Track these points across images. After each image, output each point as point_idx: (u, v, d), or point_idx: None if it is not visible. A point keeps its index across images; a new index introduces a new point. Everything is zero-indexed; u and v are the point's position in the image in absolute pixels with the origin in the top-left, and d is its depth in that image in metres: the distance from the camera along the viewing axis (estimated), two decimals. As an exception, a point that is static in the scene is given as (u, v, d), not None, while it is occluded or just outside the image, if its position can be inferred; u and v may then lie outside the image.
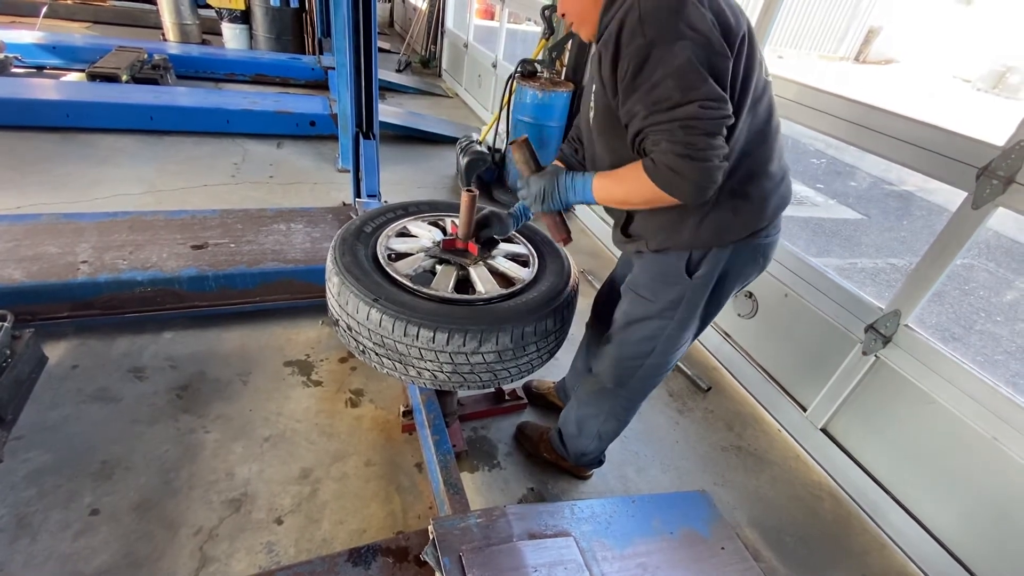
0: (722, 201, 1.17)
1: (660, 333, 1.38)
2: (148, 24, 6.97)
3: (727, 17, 1.03)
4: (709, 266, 1.26)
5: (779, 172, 1.24)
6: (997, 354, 3.50)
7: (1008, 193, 1.49)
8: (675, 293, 1.31)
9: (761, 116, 1.16)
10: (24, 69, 4.73)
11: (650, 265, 1.34)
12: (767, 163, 1.20)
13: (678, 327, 1.36)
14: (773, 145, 1.20)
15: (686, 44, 0.97)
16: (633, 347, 1.45)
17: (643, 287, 1.37)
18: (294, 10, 6.24)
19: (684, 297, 1.31)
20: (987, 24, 16.03)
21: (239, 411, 1.89)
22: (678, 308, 1.33)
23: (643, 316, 1.39)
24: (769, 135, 1.19)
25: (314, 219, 2.66)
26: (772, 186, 1.22)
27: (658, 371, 1.49)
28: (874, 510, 1.89)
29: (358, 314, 1.30)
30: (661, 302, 1.34)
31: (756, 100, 1.12)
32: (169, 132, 4.01)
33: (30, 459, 1.62)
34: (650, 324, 1.39)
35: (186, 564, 1.43)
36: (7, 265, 2.00)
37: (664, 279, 1.31)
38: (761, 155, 1.18)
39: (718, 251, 1.24)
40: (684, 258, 1.26)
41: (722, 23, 1.01)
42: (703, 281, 1.28)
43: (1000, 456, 1.55)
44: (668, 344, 1.40)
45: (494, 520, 1.24)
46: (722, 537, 1.37)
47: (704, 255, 1.25)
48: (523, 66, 3.48)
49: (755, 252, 1.28)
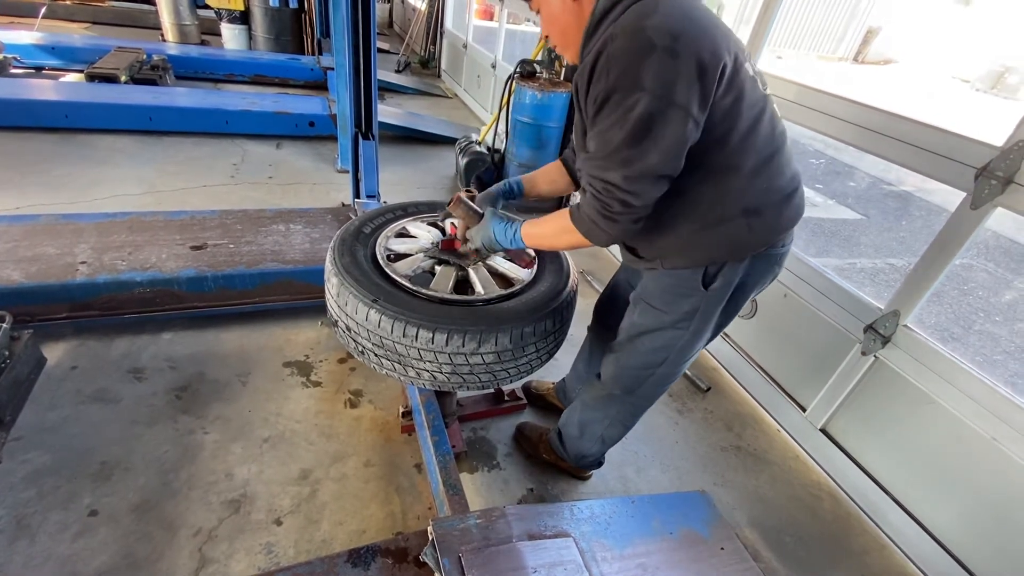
0: (735, 220, 1.15)
1: (673, 344, 1.35)
2: (147, 25, 6.97)
3: (703, 54, 0.96)
4: (726, 278, 1.23)
5: (791, 184, 1.20)
6: (996, 354, 3.50)
7: (1007, 193, 1.49)
8: (690, 305, 1.28)
9: (765, 132, 1.13)
10: (23, 70, 4.72)
11: (663, 277, 1.30)
12: (778, 177, 1.17)
13: (692, 337, 1.34)
14: (781, 158, 1.18)
15: (643, 97, 0.95)
16: (644, 357, 1.42)
17: (656, 298, 1.34)
18: (293, 10, 6.24)
19: (699, 308, 1.28)
20: (986, 24, 16.05)
21: (238, 412, 1.89)
22: (693, 319, 1.30)
23: (655, 327, 1.36)
24: (777, 149, 1.16)
25: (313, 220, 2.66)
26: (785, 200, 1.19)
27: (667, 379, 1.48)
28: (873, 510, 1.89)
29: (357, 315, 1.30)
30: (675, 313, 1.31)
31: (755, 119, 1.09)
32: (168, 133, 4.01)
33: (29, 460, 1.62)
34: (663, 335, 1.35)
35: (185, 565, 1.43)
36: (6, 266, 2.00)
37: (678, 291, 1.28)
38: (773, 170, 1.15)
39: (735, 263, 1.22)
40: (700, 272, 1.23)
41: (698, 63, 0.96)
42: (719, 293, 1.25)
43: (999, 456, 1.55)
44: (680, 355, 1.38)
45: (493, 521, 1.24)
46: (722, 537, 1.37)
47: (720, 268, 1.22)
48: (522, 67, 3.48)
49: (771, 261, 1.26)
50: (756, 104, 1.09)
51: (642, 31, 0.94)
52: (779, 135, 1.18)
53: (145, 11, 7.15)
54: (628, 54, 0.95)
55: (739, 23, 2.57)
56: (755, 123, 1.10)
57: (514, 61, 3.60)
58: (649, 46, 0.94)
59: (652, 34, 0.94)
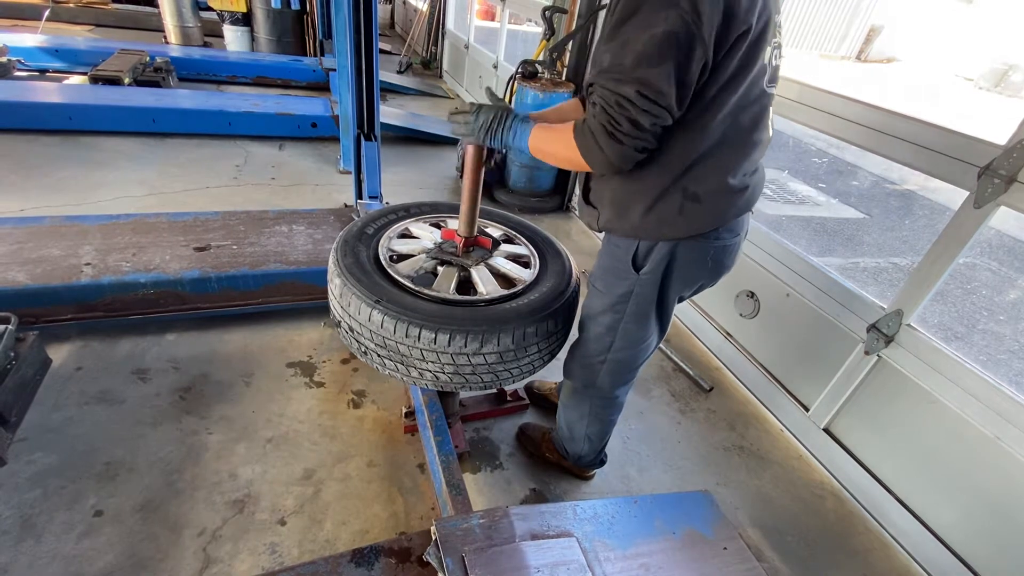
0: (671, 194, 1.15)
1: (615, 326, 1.39)
2: (150, 27, 6.99)
3: (735, 3, 0.95)
4: (654, 262, 1.26)
5: (740, 186, 1.18)
6: (1000, 353, 3.49)
7: (1010, 192, 1.49)
8: (624, 287, 1.32)
9: (744, 125, 1.11)
10: (27, 72, 4.74)
11: (603, 256, 1.36)
12: (729, 173, 1.15)
13: (632, 321, 1.37)
14: (744, 158, 1.15)
15: (672, 15, 0.93)
16: (593, 343, 1.47)
17: (598, 279, 1.40)
18: (295, 12, 6.25)
19: (633, 291, 1.32)
20: (989, 22, 15.99)
21: (242, 412, 1.90)
22: (628, 302, 1.34)
23: (599, 310, 1.41)
24: (745, 147, 1.14)
25: (316, 221, 2.66)
26: (728, 196, 1.17)
27: (623, 368, 1.50)
28: (877, 510, 1.88)
29: (360, 315, 1.31)
30: (612, 295, 1.36)
31: (742, 106, 1.08)
32: (171, 134, 4.02)
33: (34, 461, 1.63)
34: (605, 318, 1.40)
35: (190, 565, 1.44)
36: (11, 268, 2.01)
37: (615, 272, 1.33)
38: (725, 162, 1.14)
39: (662, 246, 1.23)
40: (631, 249, 1.26)
41: (727, 6, 0.94)
42: (650, 277, 1.28)
43: (1003, 455, 1.55)
44: (625, 339, 1.41)
45: (496, 521, 1.25)
46: (725, 537, 1.37)
47: (650, 249, 1.24)
48: (524, 67, 3.48)
49: (702, 254, 1.25)
50: (751, 93, 1.08)
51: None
52: (756, 136, 1.15)
53: (148, 14, 7.18)
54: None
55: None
56: (739, 110, 1.09)
57: (515, 61, 3.61)
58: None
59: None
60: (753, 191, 1.24)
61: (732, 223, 1.24)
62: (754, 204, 1.26)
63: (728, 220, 1.22)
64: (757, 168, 1.24)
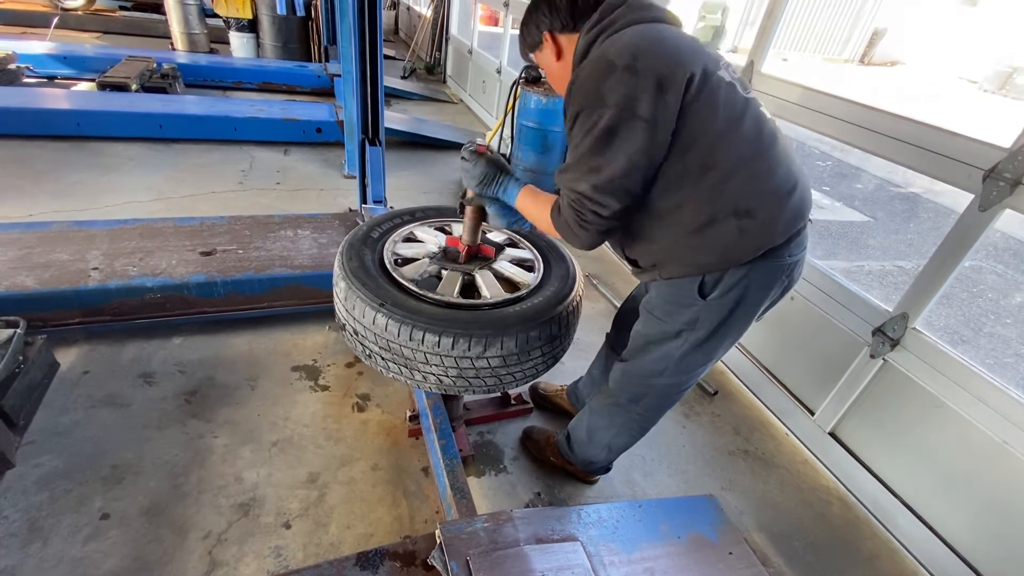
0: (725, 221, 1.15)
1: (672, 354, 1.36)
2: (157, 34, 7.06)
3: (662, 69, 1.05)
4: (725, 287, 1.22)
5: (786, 183, 1.18)
6: (1007, 356, 3.47)
7: (1015, 195, 1.48)
8: (689, 315, 1.28)
9: (748, 131, 1.14)
10: (35, 79, 4.80)
11: (663, 287, 1.32)
12: (769, 176, 1.16)
13: (694, 349, 1.33)
14: (770, 157, 1.16)
15: (607, 112, 1.05)
16: (647, 366, 1.43)
17: (658, 308, 1.35)
18: (300, 19, 6.32)
19: (699, 318, 1.28)
20: (993, 25, 15.94)
21: (247, 416, 1.91)
22: (693, 330, 1.30)
23: (658, 337, 1.37)
24: (765, 148, 1.16)
25: (321, 225, 2.68)
26: (780, 199, 1.17)
27: (673, 391, 1.48)
28: (883, 514, 1.87)
29: (365, 319, 1.31)
30: (674, 324, 1.32)
31: (735, 120, 1.12)
32: (178, 140, 4.06)
33: (42, 464, 1.64)
34: (664, 345, 1.36)
35: (195, 568, 1.44)
36: (20, 272, 2.03)
37: (678, 301, 1.29)
38: (759, 169, 1.15)
39: (734, 271, 1.20)
40: (696, 281, 1.24)
41: (657, 77, 1.04)
42: (719, 302, 1.24)
43: (1011, 459, 1.54)
44: (682, 365, 1.37)
45: (501, 524, 1.25)
46: (730, 542, 1.36)
47: (719, 277, 1.22)
48: (527, 72, 3.47)
49: (777, 272, 1.24)
50: (735, 106, 1.13)
51: (604, 56, 1.08)
52: (767, 135, 1.17)
53: (155, 21, 7.27)
54: (593, 77, 1.08)
55: (744, 26, 2.56)
56: (734, 123, 1.12)
57: (519, 66, 3.62)
58: (611, 67, 1.06)
59: (613, 57, 1.06)
60: (800, 189, 1.21)
61: (800, 237, 1.23)
62: (808, 211, 1.24)
63: (791, 227, 1.20)
64: (792, 167, 1.20)
